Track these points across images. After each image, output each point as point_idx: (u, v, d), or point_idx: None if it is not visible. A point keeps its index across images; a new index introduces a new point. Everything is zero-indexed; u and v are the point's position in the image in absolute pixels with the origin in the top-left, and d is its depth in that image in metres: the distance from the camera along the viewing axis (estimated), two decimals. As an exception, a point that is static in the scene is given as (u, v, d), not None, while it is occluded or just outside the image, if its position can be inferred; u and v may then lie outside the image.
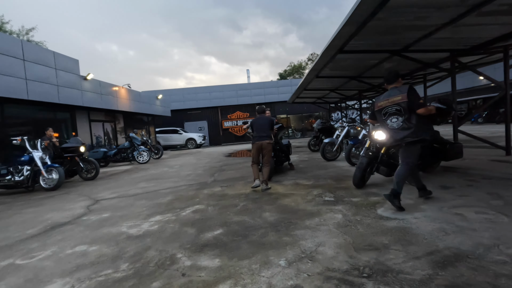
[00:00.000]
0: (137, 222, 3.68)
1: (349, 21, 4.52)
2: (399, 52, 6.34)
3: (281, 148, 6.85)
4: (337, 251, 2.41)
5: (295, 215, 3.47)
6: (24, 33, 24.19)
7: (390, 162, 4.42)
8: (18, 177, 6.55)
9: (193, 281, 2.13)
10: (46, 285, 2.25)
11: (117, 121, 15.21)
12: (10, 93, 7.81)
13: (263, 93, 24.81)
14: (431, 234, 2.58)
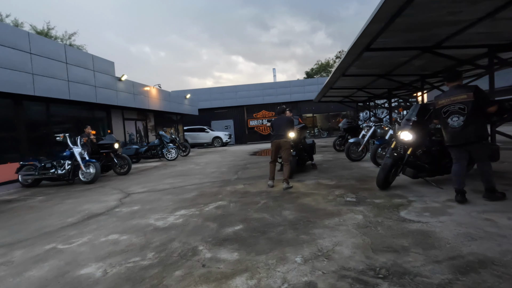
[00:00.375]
0: (163, 215, 3.90)
1: (375, 19, 4.42)
2: (430, 48, 6.05)
3: (304, 148, 6.88)
4: (354, 251, 2.42)
5: (314, 214, 3.49)
6: (67, 38, 26.18)
7: (417, 163, 4.27)
8: (61, 170, 7.16)
9: (212, 272, 2.25)
10: (83, 268, 2.49)
11: (148, 120, 15.97)
12: (54, 93, 8.54)
13: (288, 92, 24.69)
14: (455, 239, 2.49)
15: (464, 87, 3.55)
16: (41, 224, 3.95)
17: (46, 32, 24.51)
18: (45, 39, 8.91)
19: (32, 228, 3.77)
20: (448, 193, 3.91)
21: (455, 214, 3.11)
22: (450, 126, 3.50)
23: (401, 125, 4.32)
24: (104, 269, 2.44)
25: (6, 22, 22.59)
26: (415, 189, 4.28)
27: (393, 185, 4.55)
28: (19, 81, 7.51)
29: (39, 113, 9.14)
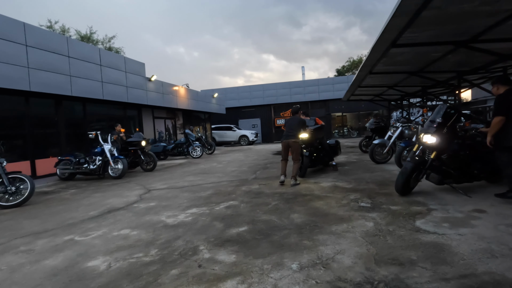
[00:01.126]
0: (175, 213, 4.01)
1: (397, 13, 4.14)
2: (465, 43, 5.54)
3: (323, 148, 6.75)
4: (355, 261, 2.29)
5: (323, 219, 3.37)
6: (107, 41, 27.98)
7: (442, 169, 3.94)
8: (92, 166, 7.68)
9: (206, 273, 2.26)
10: (91, 260, 2.64)
11: (177, 118, 16.56)
12: (89, 94, 9.18)
13: (317, 91, 24.15)
14: (472, 255, 2.26)
15: None
16: (68, 215, 4.26)
17: (89, 36, 26.39)
18: (81, 43, 9.60)
19: (59, 219, 4.09)
20: (476, 202, 3.56)
21: (479, 227, 2.81)
22: None
23: (424, 127, 4.00)
24: (109, 263, 2.57)
25: (54, 28, 24.73)
26: (440, 196, 3.96)
27: (415, 191, 4.24)
28: (59, 83, 8.17)
29: (77, 111, 9.87)
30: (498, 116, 3.36)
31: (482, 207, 3.37)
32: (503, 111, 3.36)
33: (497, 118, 3.36)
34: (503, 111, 3.36)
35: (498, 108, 3.40)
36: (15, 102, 7.91)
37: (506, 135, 3.35)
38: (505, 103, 3.38)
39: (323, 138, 7.11)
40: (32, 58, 7.40)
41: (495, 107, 3.46)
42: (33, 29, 7.51)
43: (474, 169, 4.00)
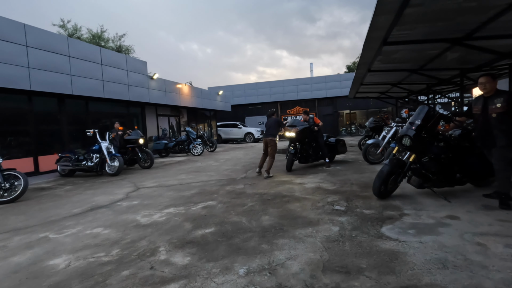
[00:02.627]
0: (152, 212, 4.08)
1: (378, 12, 4.02)
2: (460, 40, 5.31)
3: (318, 146, 7.22)
4: (303, 268, 2.26)
5: (292, 222, 3.34)
6: (117, 39, 28.49)
7: (422, 172, 3.82)
8: (90, 163, 7.89)
9: (154, 275, 2.30)
10: (54, 259, 2.73)
11: (181, 116, 16.73)
12: (90, 92, 9.41)
13: (324, 88, 23.82)
14: (424, 265, 2.19)
15: None
16: (53, 212, 4.41)
17: (100, 35, 26.95)
18: (82, 43, 9.82)
19: (43, 216, 4.24)
20: (452, 208, 3.44)
21: (444, 234, 2.72)
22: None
23: (403, 129, 3.88)
24: (69, 261, 2.65)
25: (67, 28, 25.38)
26: (418, 200, 3.84)
27: (395, 194, 4.14)
28: (59, 82, 8.41)
29: (80, 109, 10.14)
30: None
31: (456, 213, 3.25)
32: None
33: None
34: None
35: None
36: (18, 100, 8.21)
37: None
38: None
39: (319, 136, 7.31)
40: (32, 58, 7.64)
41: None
42: (33, 29, 7.74)
43: (456, 172, 3.86)
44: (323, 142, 7.35)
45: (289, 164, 6.84)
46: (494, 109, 3.36)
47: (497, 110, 3.33)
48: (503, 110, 3.28)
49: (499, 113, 3.31)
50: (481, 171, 3.89)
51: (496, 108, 3.34)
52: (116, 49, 26.55)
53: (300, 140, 6.87)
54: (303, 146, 7.04)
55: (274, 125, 6.56)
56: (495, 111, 3.35)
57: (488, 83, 3.44)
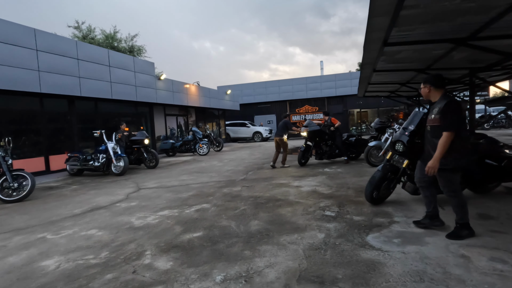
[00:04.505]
0: (147, 214, 4.19)
1: (372, 14, 3.94)
2: (464, 40, 5.13)
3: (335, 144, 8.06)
4: (279, 277, 2.28)
5: (279, 227, 3.35)
6: (130, 39, 29.05)
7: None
8: (97, 163, 8.14)
9: (135, 279, 2.37)
10: (46, 260, 2.86)
11: (190, 115, 16.94)
12: (98, 93, 9.68)
13: (334, 86, 23.50)
14: (400, 277, 2.16)
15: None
16: (55, 212, 4.59)
17: (113, 35, 27.55)
18: (90, 46, 10.10)
19: (45, 216, 4.42)
20: (445, 216, 3.35)
21: (429, 245, 2.67)
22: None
23: (396, 134, 3.80)
24: (60, 263, 2.77)
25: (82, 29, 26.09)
26: (412, 207, 3.77)
27: (390, 200, 4.08)
28: (68, 84, 8.70)
29: (89, 109, 10.45)
30: (452, 132, 2.59)
31: (448, 222, 3.16)
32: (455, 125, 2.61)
33: (452, 135, 2.59)
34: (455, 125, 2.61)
35: (455, 121, 2.61)
36: (30, 102, 8.55)
37: (456, 153, 2.65)
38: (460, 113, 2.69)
39: (337, 135, 8.10)
40: (42, 62, 7.93)
41: (454, 118, 2.61)
42: (42, 34, 8.03)
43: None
44: (340, 141, 8.06)
45: (300, 159, 7.87)
46: (429, 120, 2.86)
47: (432, 122, 2.80)
48: (437, 123, 2.71)
49: (434, 126, 2.77)
50: (479, 177, 3.77)
51: (431, 119, 2.82)
52: (128, 49, 27.10)
53: (311, 139, 7.88)
54: (318, 144, 7.99)
55: (282, 126, 7.98)
56: (429, 123, 2.86)
57: (422, 88, 2.95)
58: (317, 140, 7.94)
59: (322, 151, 8.05)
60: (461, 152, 2.65)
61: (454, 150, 2.62)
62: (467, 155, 2.69)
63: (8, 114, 8.18)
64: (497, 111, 21.76)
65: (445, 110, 2.64)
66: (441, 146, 2.59)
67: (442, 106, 2.68)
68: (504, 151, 3.88)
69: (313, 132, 7.83)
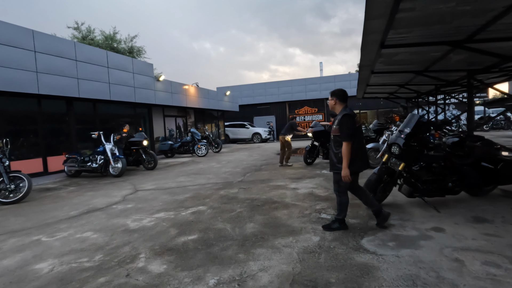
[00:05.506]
0: (143, 216, 4.18)
1: (369, 16, 3.95)
2: (460, 43, 5.15)
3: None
4: (272, 280, 2.27)
5: (274, 230, 3.35)
6: (129, 40, 29.06)
7: (411, 181, 3.74)
8: (95, 164, 8.13)
9: (128, 283, 2.36)
10: (40, 263, 2.85)
11: (189, 116, 16.94)
12: (97, 95, 9.67)
13: (333, 87, 23.28)
14: (393, 282, 2.16)
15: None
16: (51, 214, 4.58)
17: (112, 36, 27.56)
18: (89, 47, 10.09)
19: (41, 218, 4.41)
20: (440, 219, 3.36)
21: (424, 248, 2.66)
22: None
23: (392, 137, 3.81)
24: (53, 266, 2.76)
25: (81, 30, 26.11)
26: (408, 210, 3.77)
27: (387, 202, 4.07)
28: (66, 85, 8.70)
29: (87, 111, 10.44)
30: (349, 141, 2.96)
31: (443, 225, 3.17)
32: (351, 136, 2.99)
33: (349, 144, 2.96)
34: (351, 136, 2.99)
35: (348, 133, 2.97)
36: (28, 103, 8.54)
37: (353, 160, 2.99)
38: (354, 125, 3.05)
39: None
40: (40, 63, 7.93)
41: (348, 131, 2.97)
42: (41, 35, 8.03)
43: (449, 181, 3.75)
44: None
45: (305, 158, 8.32)
46: (332, 130, 3.19)
47: (334, 132, 3.13)
48: (337, 133, 3.04)
49: (335, 135, 3.11)
50: (476, 180, 3.77)
51: (333, 129, 3.15)
52: (128, 50, 27.10)
53: (317, 139, 8.30)
54: (324, 144, 8.27)
55: (288, 127, 8.50)
56: (332, 133, 3.19)
57: (330, 100, 3.26)
58: (322, 140, 8.26)
59: (327, 151, 8.31)
60: (355, 158, 3.01)
61: (351, 157, 2.98)
62: (359, 162, 3.04)
63: (6, 115, 8.17)
64: (496, 113, 21.79)
65: (341, 122, 3.02)
66: (344, 155, 2.97)
67: (339, 118, 3.06)
68: (500, 154, 3.87)
69: (318, 133, 8.24)
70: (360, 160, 3.06)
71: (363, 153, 3.15)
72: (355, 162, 3.01)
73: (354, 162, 3.00)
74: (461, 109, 21.27)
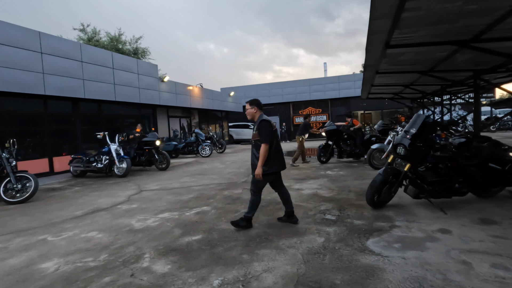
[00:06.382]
0: (147, 217, 4.19)
1: (374, 16, 3.93)
2: (467, 42, 5.09)
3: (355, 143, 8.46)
4: (276, 282, 2.26)
5: (278, 231, 3.34)
6: (134, 42, 29.28)
7: (417, 182, 3.70)
8: (100, 164, 8.18)
9: (132, 283, 2.37)
10: (46, 262, 2.87)
11: (193, 117, 17.00)
12: (102, 96, 9.76)
13: (337, 88, 23.43)
14: (400, 283, 2.13)
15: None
16: (56, 214, 4.62)
17: (117, 37, 27.80)
18: (94, 48, 10.18)
19: (47, 218, 4.45)
20: (447, 221, 3.31)
21: (430, 250, 2.63)
22: None
23: (398, 137, 3.77)
24: (59, 265, 2.78)
25: (87, 31, 26.37)
26: (413, 211, 3.72)
27: (392, 203, 4.04)
28: (72, 87, 8.78)
29: (93, 111, 10.53)
30: (267, 143, 3.25)
31: (449, 227, 3.13)
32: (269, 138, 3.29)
33: (267, 146, 3.25)
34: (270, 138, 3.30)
35: (269, 136, 3.28)
36: (34, 104, 8.64)
37: (270, 161, 3.30)
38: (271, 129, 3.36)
39: (357, 136, 8.49)
40: (47, 64, 8.02)
41: (266, 134, 3.28)
42: (47, 37, 8.12)
43: (455, 182, 3.70)
44: (359, 142, 8.36)
45: (319, 156, 8.50)
46: (252, 135, 3.47)
47: (253, 137, 3.42)
48: (257, 137, 3.33)
49: (255, 140, 3.38)
50: (483, 181, 3.72)
51: (253, 135, 3.44)
52: (133, 51, 27.31)
53: (330, 138, 8.53)
54: (338, 143, 8.52)
55: (301, 127, 8.69)
56: (252, 138, 3.46)
57: (249, 109, 3.50)
58: (335, 139, 8.49)
59: (342, 150, 8.54)
60: (272, 160, 3.30)
61: (268, 159, 3.29)
62: (276, 163, 3.35)
63: (13, 116, 8.27)
64: (503, 113, 21.51)
65: (260, 127, 3.33)
66: (261, 155, 3.24)
67: (257, 124, 3.36)
68: (508, 155, 3.81)
69: (330, 132, 8.47)
70: (278, 161, 3.37)
71: (280, 155, 3.44)
72: (273, 163, 3.31)
73: (272, 163, 3.30)
74: (467, 110, 21.03)
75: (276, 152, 3.37)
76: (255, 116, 3.50)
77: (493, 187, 3.86)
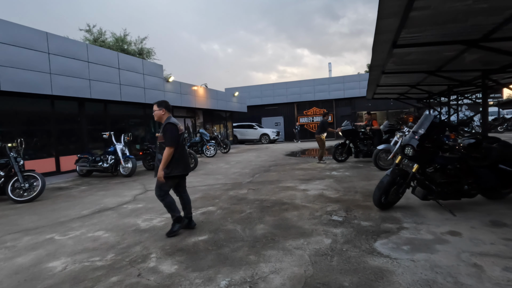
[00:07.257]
0: (153, 216, 4.20)
1: (382, 15, 3.89)
2: (476, 42, 5.01)
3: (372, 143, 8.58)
4: (284, 283, 2.24)
5: (285, 232, 3.31)
6: (139, 42, 29.45)
7: (425, 183, 3.65)
8: (106, 164, 8.23)
9: (139, 283, 2.37)
10: (53, 261, 2.89)
11: (197, 117, 17.04)
12: (108, 96, 9.82)
13: (342, 88, 23.31)
14: (410, 286, 2.10)
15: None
16: (63, 213, 4.65)
17: (123, 38, 27.99)
18: (101, 49, 10.25)
19: (54, 217, 4.48)
20: (456, 223, 3.26)
21: (440, 252, 2.59)
22: None
23: (406, 138, 3.73)
24: (66, 264, 2.79)
25: (93, 32, 26.60)
26: (421, 213, 3.68)
27: (399, 205, 3.99)
28: (79, 87, 8.86)
29: (99, 111, 10.61)
30: (172, 147, 3.22)
31: (459, 229, 3.08)
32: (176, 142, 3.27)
33: (171, 149, 3.22)
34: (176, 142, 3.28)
35: (173, 139, 3.25)
36: (41, 104, 8.73)
37: (172, 164, 3.28)
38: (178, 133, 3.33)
39: (375, 136, 8.67)
40: (54, 65, 8.09)
41: (171, 137, 3.24)
42: (54, 37, 8.20)
43: (464, 184, 3.65)
44: (377, 141, 8.39)
45: (334, 155, 8.68)
46: (158, 137, 3.43)
47: (159, 139, 3.39)
48: (162, 140, 3.30)
49: (160, 142, 3.36)
50: (493, 183, 3.66)
51: (159, 137, 3.40)
52: (138, 51, 27.48)
53: (346, 137, 8.64)
54: (355, 143, 8.66)
55: (320, 125, 8.77)
56: (158, 140, 3.41)
57: (157, 110, 3.39)
58: (351, 138, 8.60)
59: (359, 149, 8.64)
60: (175, 163, 3.28)
61: (171, 162, 3.26)
62: (180, 167, 3.33)
63: (21, 115, 8.36)
64: (511, 114, 21.21)
65: (165, 130, 3.26)
66: (163, 158, 3.21)
67: (163, 126, 3.29)
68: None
69: (346, 131, 8.59)
70: (181, 165, 3.35)
71: (185, 159, 3.43)
72: (176, 166, 3.29)
73: (175, 166, 3.28)
74: (474, 110, 20.77)
75: (180, 156, 3.33)
76: (162, 118, 3.40)
77: (503, 189, 3.80)
